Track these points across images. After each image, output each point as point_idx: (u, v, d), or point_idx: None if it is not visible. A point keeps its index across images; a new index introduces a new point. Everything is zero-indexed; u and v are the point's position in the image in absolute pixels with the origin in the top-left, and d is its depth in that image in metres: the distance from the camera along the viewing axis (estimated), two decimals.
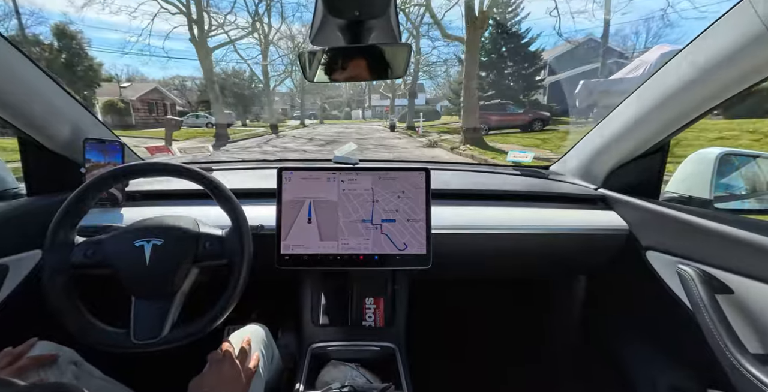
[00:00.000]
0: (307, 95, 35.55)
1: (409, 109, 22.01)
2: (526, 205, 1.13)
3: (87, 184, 0.75)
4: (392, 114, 25.30)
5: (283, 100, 40.09)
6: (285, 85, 36.27)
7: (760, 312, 0.74)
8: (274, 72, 37.33)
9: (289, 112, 31.86)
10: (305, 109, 30.38)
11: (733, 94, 0.77)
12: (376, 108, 44.26)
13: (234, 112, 28.27)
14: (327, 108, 42.57)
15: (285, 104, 40.08)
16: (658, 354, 1.05)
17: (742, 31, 0.65)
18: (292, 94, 38.13)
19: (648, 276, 0.98)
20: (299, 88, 32.17)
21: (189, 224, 0.78)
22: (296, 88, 32.42)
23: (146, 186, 1.11)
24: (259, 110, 32.32)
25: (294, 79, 30.22)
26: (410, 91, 22.35)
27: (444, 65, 28.79)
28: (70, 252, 0.72)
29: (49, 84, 0.92)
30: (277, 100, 37.08)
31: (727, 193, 1.01)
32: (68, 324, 0.69)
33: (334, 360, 0.93)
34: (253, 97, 30.52)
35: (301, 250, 0.92)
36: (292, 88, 34.98)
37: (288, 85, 37.11)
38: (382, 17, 0.61)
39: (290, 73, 28.70)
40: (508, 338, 1.52)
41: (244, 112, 30.30)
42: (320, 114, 35.58)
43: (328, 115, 40.90)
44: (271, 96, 27.05)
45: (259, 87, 29.81)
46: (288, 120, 32.65)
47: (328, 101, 41.84)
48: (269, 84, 25.26)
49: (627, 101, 0.99)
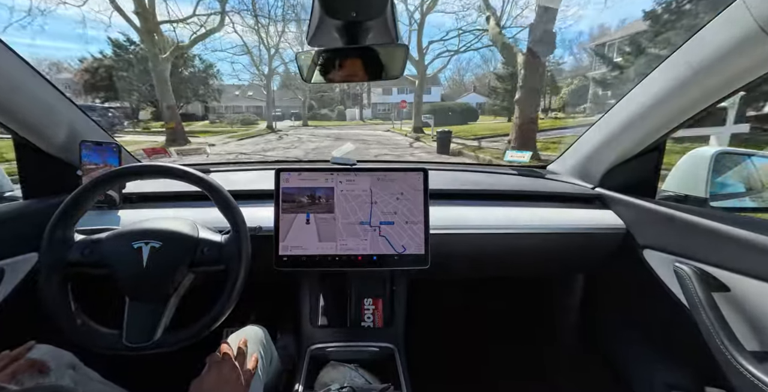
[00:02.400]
0: (284, 90, 27.72)
1: (416, 108, 16.37)
2: (524, 205, 1.13)
3: (85, 186, 0.75)
4: (417, 114, 15.92)
5: (243, 94, 30.29)
6: (246, 71, 28.06)
7: (757, 309, 0.74)
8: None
9: (267, 111, 22.64)
10: (273, 107, 21.73)
11: (729, 93, 0.77)
12: (377, 105, 36.62)
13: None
14: (314, 105, 33.80)
15: (252, 99, 29.52)
16: (655, 351, 1.05)
17: (736, 31, 0.66)
18: (254, 86, 28.01)
19: (645, 274, 0.98)
20: (263, 76, 22.79)
21: (188, 228, 0.78)
22: (260, 75, 23.19)
23: (143, 188, 1.11)
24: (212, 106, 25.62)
25: (257, 61, 21.98)
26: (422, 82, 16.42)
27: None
28: (68, 250, 0.72)
29: (44, 86, 0.92)
30: (237, 94, 30.41)
31: (722, 192, 1.01)
32: (60, 322, 0.69)
33: (333, 361, 0.93)
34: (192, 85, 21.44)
35: (299, 251, 0.92)
36: (255, 78, 25.19)
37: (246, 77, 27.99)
38: (379, 18, 0.61)
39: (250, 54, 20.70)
40: (506, 337, 1.53)
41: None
42: (305, 113, 26.75)
43: (316, 114, 32.03)
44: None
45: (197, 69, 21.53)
46: (261, 121, 24.64)
47: (316, 97, 32.24)
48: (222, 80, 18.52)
49: (623, 101, 0.99)
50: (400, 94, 34.15)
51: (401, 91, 34.42)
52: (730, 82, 0.75)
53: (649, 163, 1.05)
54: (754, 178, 1.07)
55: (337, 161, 1.21)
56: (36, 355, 0.70)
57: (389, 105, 34.74)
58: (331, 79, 0.74)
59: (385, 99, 36.17)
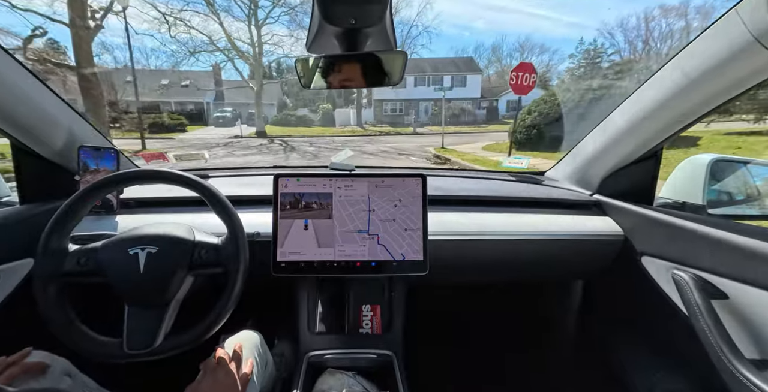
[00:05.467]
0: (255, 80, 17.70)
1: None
2: (522, 211, 1.13)
3: (81, 192, 0.74)
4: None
5: (173, 83, 20.09)
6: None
7: (755, 317, 0.74)
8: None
9: (210, 111, 15.44)
10: (221, 106, 14.52)
11: (724, 101, 0.78)
12: (384, 104, 23.62)
13: None
14: (288, 103, 23.45)
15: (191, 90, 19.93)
16: (654, 359, 1.05)
17: (730, 41, 0.67)
18: (175, 72, 19.06)
19: (644, 281, 0.98)
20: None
21: (184, 232, 0.78)
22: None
23: (141, 193, 1.10)
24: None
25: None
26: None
27: None
28: (63, 259, 0.71)
29: (43, 90, 0.92)
30: (164, 83, 20.12)
31: (719, 199, 1.02)
32: (60, 333, 0.68)
33: (331, 369, 0.92)
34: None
35: (297, 257, 0.92)
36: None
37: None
38: (378, 25, 0.62)
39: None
40: (504, 343, 1.52)
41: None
42: (277, 115, 18.86)
43: (288, 118, 20.50)
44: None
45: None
46: (197, 127, 17.14)
47: (292, 91, 22.86)
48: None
49: (620, 108, 1.00)
50: (420, 85, 22.96)
51: (421, 82, 23.05)
52: (725, 91, 0.75)
53: (646, 170, 1.06)
54: (750, 186, 1.07)
55: (335, 167, 1.21)
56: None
57: (402, 103, 23.28)
58: (331, 84, 0.75)
59: (396, 94, 22.40)
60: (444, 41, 79.94)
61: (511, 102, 21.88)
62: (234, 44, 17.56)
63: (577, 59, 28.99)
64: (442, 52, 16.09)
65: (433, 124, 19.38)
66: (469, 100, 22.89)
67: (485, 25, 44.23)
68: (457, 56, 32.94)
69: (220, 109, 19.37)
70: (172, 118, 19.02)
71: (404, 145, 13.07)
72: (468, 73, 23.31)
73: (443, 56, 13.69)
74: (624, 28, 29.26)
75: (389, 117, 23.08)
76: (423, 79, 23.15)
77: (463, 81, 23.12)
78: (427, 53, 25.71)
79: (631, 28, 28.64)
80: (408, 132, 17.87)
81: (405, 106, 23.13)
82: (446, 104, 17.11)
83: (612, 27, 33.55)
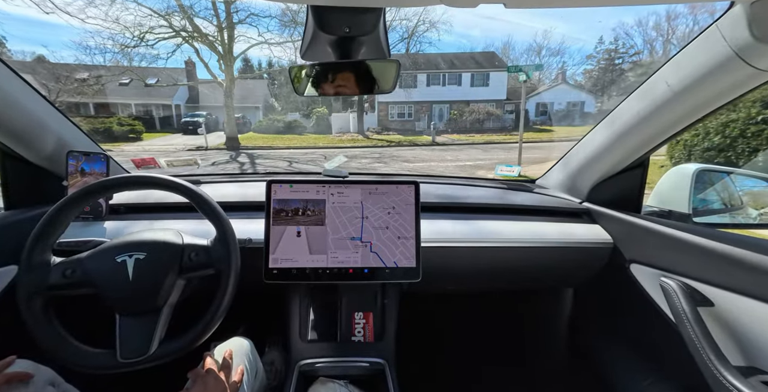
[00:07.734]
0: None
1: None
2: (513, 219, 1.14)
3: (67, 198, 0.73)
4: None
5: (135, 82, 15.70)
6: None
7: (740, 324, 0.75)
8: None
9: (180, 115, 13.31)
10: (195, 109, 12.24)
11: (708, 113, 0.81)
12: (391, 107, 18.81)
13: None
14: (276, 106, 20.36)
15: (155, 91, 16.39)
16: (642, 366, 1.05)
17: (711, 55, 0.69)
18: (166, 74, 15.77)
19: (632, 288, 0.99)
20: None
21: (172, 235, 0.77)
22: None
23: (131, 199, 1.09)
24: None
25: None
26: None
27: None
28: (48, 272, 0.69)
29: (31, 95, 0.91)
30: (124, 82, 16.10)
31: (704, 208, 1.04)
32: (50, 351, 0.66)
33: (323, 377, 0.91)
34: None
35: (289, 264, 0.91)
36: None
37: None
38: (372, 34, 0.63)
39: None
40: (496, 351, 1.51)
41: None
42: (262, 120, 16.61)
43: (274, 124, 17.51)
44: None
45: None
46: (159, 135, 14.79)
47: (281, 93, 19.80)
48: None
49: (608, 118, 1.03)
50: (433, 85, 18.18)
51: (434, 81, 18.26)
52: (708, 103, 0.78)
53: (634, 178, 1.08)
54: (733, 194, 1.10)
55: (329, 173, 1.21)
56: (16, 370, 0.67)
57: (412, 106, 18.47)
58: (324, 91, 0.75)
59: (408, 94, 17.45)
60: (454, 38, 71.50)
61: (541, 105, 18.62)
62: (192, 21, 12.71)
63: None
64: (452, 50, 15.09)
65: (452, 131, 15.47)
66: (492, 102, 18.41)
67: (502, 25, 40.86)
68: (475, 51, 27.18)
69: (191, 113, 16.17)
70: (122, 123, 14.96)
71: (425, 162, 9.24)
72: (491, 70, 18.69)
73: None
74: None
75: (397, 122, 18.61)
76: (437, 77, 18.56)
77: (484, 79, 18.84)
78: (436, 48, 22.49)
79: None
80: (424, 141, 14.04)
81: (415, 110, 18.76)
82: (466, 107, 15.02)
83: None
